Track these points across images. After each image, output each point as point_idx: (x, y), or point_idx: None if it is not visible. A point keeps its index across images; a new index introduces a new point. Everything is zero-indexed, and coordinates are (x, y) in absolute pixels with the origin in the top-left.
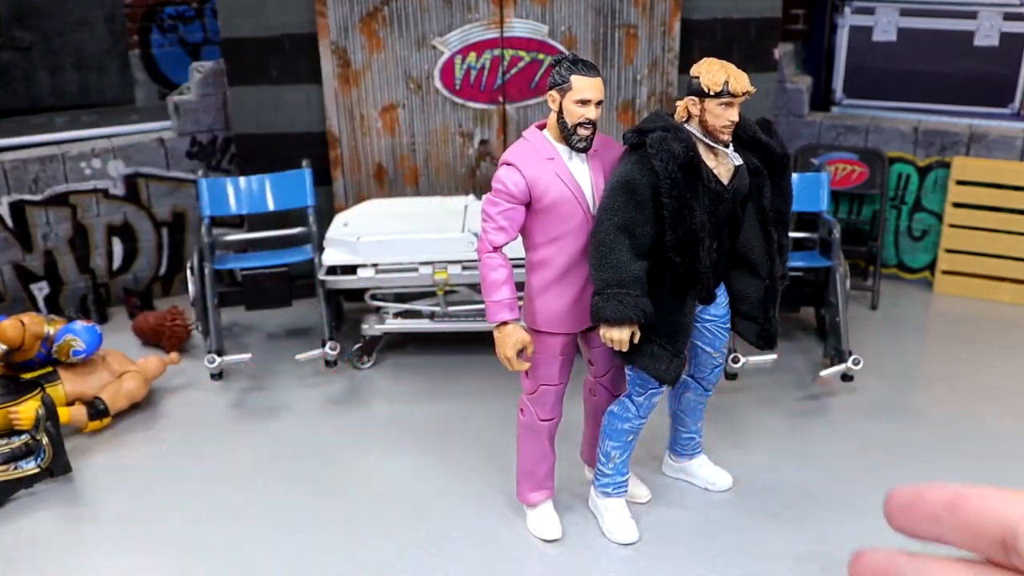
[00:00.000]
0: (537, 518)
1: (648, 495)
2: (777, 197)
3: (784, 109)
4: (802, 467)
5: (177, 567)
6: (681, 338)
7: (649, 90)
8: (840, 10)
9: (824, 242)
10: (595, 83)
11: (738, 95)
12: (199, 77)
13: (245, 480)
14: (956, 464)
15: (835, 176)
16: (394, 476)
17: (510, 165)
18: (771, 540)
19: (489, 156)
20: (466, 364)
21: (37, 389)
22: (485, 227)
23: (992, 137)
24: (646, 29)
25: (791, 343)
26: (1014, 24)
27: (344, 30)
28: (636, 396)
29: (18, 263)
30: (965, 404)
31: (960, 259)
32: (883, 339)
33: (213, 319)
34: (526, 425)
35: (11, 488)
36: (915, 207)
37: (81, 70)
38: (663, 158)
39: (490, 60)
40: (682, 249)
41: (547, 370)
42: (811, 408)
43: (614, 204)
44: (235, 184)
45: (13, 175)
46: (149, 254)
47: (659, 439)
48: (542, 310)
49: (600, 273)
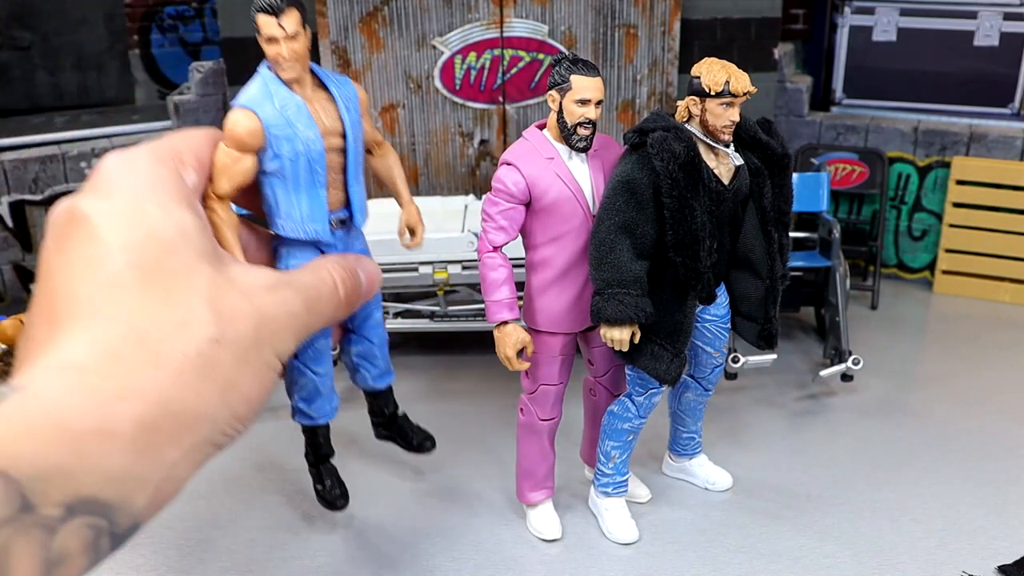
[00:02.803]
0: (537, 518)
1: (648, 495)
2: (778, 197)
3: (784, 109)
4: (802, 467)
5: (176, 567)
6: (681, 338)
7: (649, 90)
8: (840, 10)
9: (824, 242)
10: (595, 83)
11: (739, 95)
12: (199, 77)
13: (244, 480)
14: (956, 464)
15: (835, 176)
16: (394, 476)
17: (510, 165)
18: (771, 540)
19: (489, 156)
20: (466, 364)
21: None
22: (485, 227)
23: (992, 137)
24: (646, 29)
25: (791, 343)
26: (1014, 24)
27: (344, 30)
28: (636, 396)
29: (18, 263)
30: (965, 404)
31: (960, 259)
32: (883, 339)
33: None
34: (526, 425)
35: None
36: (915, 207)
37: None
38: (664, 158)
39: (490, 60)
40: (682, 249)
41: (547, 370)
42: (811, 408)
43: (615, 204)
44: None
45: (13, 175)
46: None
47: (659, 439)
48: (542, 310)
49: (600, 273)
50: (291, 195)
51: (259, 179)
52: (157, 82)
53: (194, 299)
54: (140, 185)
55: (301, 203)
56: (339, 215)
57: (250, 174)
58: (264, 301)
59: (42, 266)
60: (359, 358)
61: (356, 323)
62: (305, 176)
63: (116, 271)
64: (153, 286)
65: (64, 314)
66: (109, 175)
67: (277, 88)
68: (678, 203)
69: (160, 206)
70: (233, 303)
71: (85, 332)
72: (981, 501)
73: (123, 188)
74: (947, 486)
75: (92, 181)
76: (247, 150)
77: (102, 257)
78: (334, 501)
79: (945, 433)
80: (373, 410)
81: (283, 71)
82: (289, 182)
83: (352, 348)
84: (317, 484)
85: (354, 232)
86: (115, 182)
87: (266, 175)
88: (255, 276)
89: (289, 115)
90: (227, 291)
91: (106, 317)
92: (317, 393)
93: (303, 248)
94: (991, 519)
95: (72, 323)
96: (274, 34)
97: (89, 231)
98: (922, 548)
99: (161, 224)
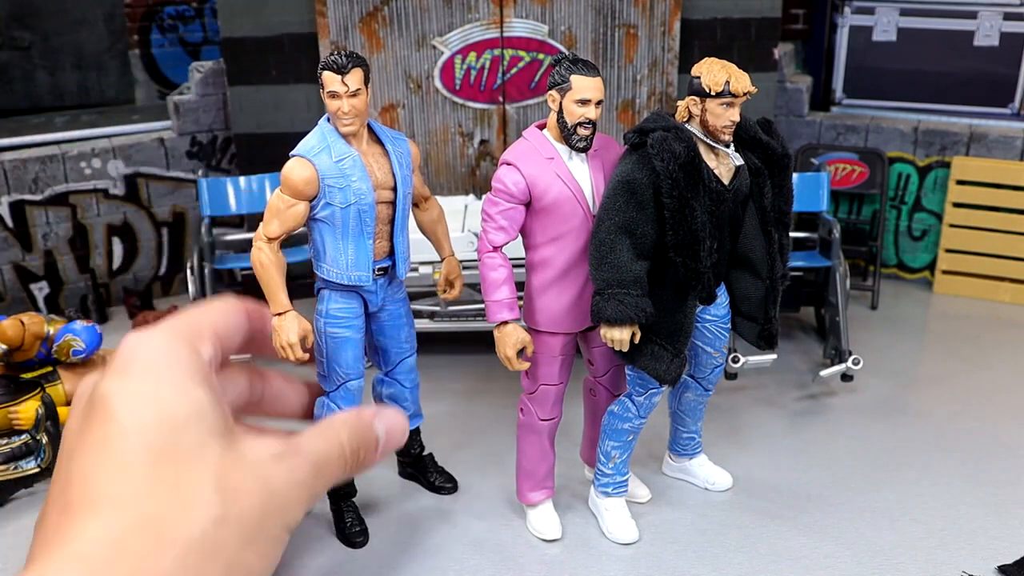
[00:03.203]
0: (537, 518)
1: (648, 495)
2: (778, 197)
3: (784, 109)
4: (802, 467)
5: None
6: (682, 338)
7: (649, 90)
8: (840, 10)
9: (824, 242)
10: (595, 83)
11: (739, 95)
12: (199, 77)
13: None
14: (956, 464)
15: (835, 176)
16: (393, 476)
17: (510, 165)
18: (771, 540)
19: (489, 156)
20: (466, 364)
21: (37, 389)
22: (485, 227)
23: (992, 137)
24: (646, 29)
25: (791, 343)
26: (1014, 24)
27: (344, 30)
28: (636, 396)
29: (18, 263)
30: (965, 404)
31: (960, 259)
32: (883, 339)
33: None
34: (526, 425)
35: (11, 488)
36: (915, 207)
37: (81, 70)
38: (664, 158)
39: (490, 60)
40: (683, 249)
41: (547, 370)
42: (811, 408)
43: (615, 204)
44: (235, 184)
45: (13, 175)
46: (149, 254)
47: (659, 439)
48: (542, 310)
49: (600, 273)
50: (339, 242)
51: (309, 224)
52: (157, 82)
53: (202, 478)
54: (157, 364)
55: (348, 250)
56: (382, 264)
57: (301, 219)
58: (272, 474)
59: (64, 444)
60: (390, 400)
61: (389, 367)
62: (354, 225)
63: (128, 453)
64: (163, 467)
65: (77, 501)
66: (129, 354)
67: (335, 140)
68: (678, 203)
69: (174, 385)
70: (241, 479)
71: (95, 521)
72: (981, 501)
73: (140, 367)
74: (947, 486)
75: (114, 360)
76: (301, 197)
77: (116, 439)
78: (354, 539)
79: (945, 433)
80: (400, 450)
81: (343, 125)
82: (338, 230)
83: (384, 390)
84: (338, 521)
85: (395, 282)
86: (134, 361)
87: (316, 221)
88: (263, 448)
89: (344, 167)
90: (236, 467)
91: (115, 504)
92: None
93: (345, 293)
94: (991, 519)
95: (83, 512)
96: (337, 90)
97: (106, 412)
98: (922, 548)
99: (174, 404)
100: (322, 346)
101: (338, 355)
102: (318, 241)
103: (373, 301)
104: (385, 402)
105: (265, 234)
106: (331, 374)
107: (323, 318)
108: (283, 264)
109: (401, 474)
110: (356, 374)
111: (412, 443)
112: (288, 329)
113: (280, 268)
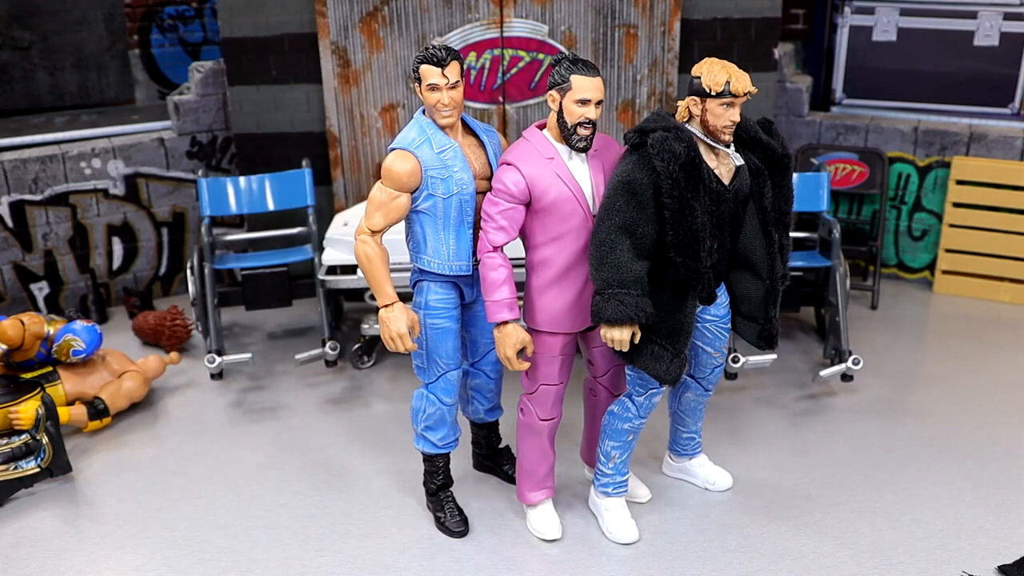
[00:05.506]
0: (537, 518)
1: (648, 495)
2: (778, 197)
3: (784, 109)
4: (802, 467)
5: (176, 567)
6: (682, 338)
7: (649, 90)
8: (840, 10)
9: (824, 242)
10: (595, 83)
11: (739, 95)
12: (199, 77)
13: (245, 480)
14: (956, 464)
15: (835, 176)
16: (394, 476)
17: (510, 165)
18: (771, 540)
19: None
20: None
21: (37, 389)
22: (485, 227)
23: (992, 137)
24: (646, 29)
25: (791, 343)
26: (1014, 24)
27: (344, 30)
28: (636, 396)
29: (18, 263)
30: (965, 404)
31: (960, 259)
32: (883, 339)
33: (213, 319)
34: (526, 425)
35: (11, 488)
36: (915, 207)
37: (81, 70)
38: (664, 158)
39: (490, 60)
40: (683, 249)
41: (547, 370)
42: (811, 408)
43: (615, 204)
44: (235, 184)
45: (13, 175)
46: (149, 254)
47: (659, 439)
48: (542, 310)
49: (601, 273)
50: (440, 233)
51: (409, 216)
52: (157, 82)
53: None
54: None
55: (449, 241)
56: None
57: (404, 211)
58: None
59: None
60: (474, 391)
61: (476, 358)
62: (455, 216)
63: None
64: None
65: None
66: None
67: (434, 132)
68: (678, 203)
69: None
70: None
71: None
72: (981, 501)
73: None
74: (947, 486)
75: None
76: (404, 189)
77: None
78: (454, 529)
79: (945, 433)
80: (478, 441)
81: (442, 117)
82: (440, 220)
83: (468, 381)
84: (438, 512)
85: None
86: None
87: (417, 213)
88: None
89: (446, 158)
90: None
91: None
92: (443, 423)
93: (444, 284)
94: (991, 519)
95: None
96: (437, 83)
97: None
98: (922, 548)
99: None
100: (422, 337)
101: (438, 346)
102: (419, 233)
103: (469, 292)
104: (471, 394)
105: (368, 227)
106: (431, 365)
107: (422, 310)
108: (387, 256)
109: (476, 467)
110: (455, 364)
111: (491, 435)
112: (396, 320)
113: (385, 260)
